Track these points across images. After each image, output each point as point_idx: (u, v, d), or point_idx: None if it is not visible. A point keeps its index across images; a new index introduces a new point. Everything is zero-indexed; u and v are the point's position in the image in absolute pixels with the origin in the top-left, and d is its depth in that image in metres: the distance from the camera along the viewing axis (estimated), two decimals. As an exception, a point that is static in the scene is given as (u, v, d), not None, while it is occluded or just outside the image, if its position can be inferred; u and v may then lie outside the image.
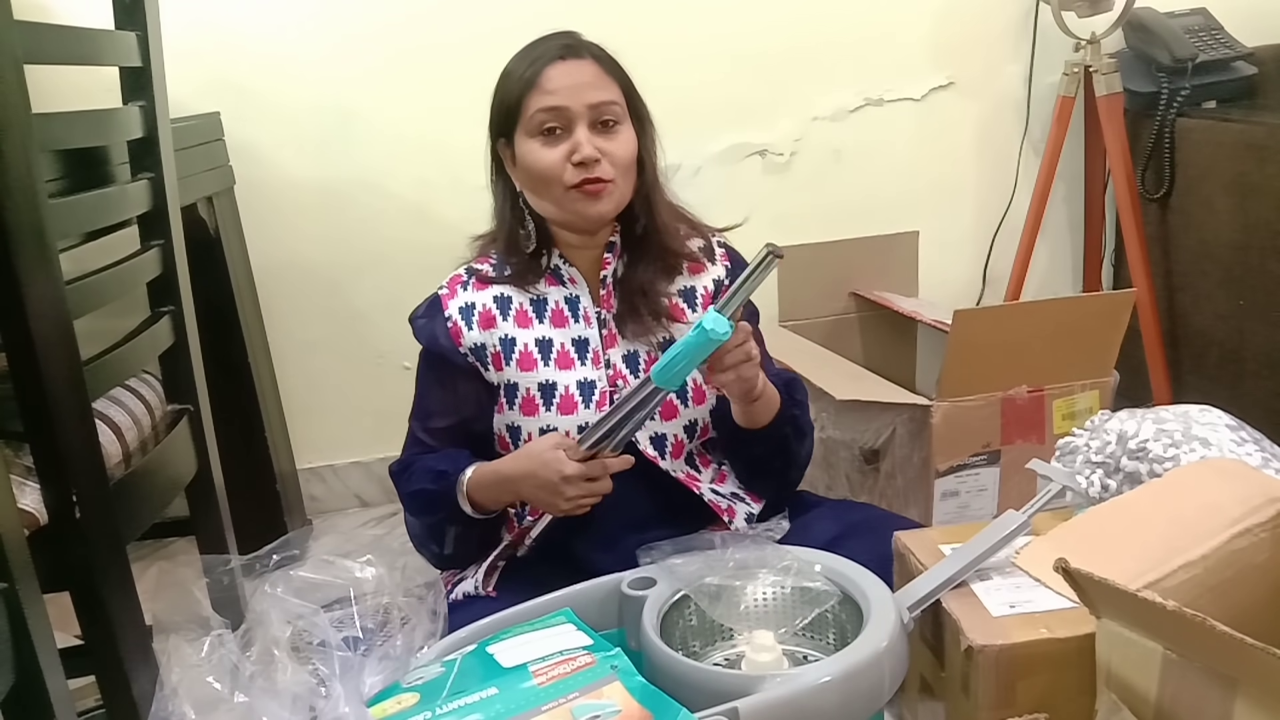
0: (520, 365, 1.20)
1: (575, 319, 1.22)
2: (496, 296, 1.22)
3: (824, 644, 1.01)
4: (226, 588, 1.07)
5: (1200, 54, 1.87)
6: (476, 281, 1.23)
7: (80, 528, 0.92)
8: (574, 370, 1.20)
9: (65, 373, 0.91)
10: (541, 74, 1.15)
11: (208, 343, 1.29)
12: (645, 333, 1.22)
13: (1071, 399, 1.50)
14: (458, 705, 0.79)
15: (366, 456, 2.03)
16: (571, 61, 1.16)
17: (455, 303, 1.22)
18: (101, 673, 0.96)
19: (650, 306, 1.21)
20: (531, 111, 1.15)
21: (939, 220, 2.07)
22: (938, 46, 2.02)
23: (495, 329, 1.21)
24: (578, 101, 1.14)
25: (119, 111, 1.10)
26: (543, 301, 1.23)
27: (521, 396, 1.20)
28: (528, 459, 1.13)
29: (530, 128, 1.16)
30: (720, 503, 1.22)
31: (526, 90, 1.15)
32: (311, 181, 1.88)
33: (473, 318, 1.21)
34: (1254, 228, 1.72)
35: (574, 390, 1.19)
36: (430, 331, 1.23)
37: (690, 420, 1.22)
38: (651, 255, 1.23)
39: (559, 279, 1.23)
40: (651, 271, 1.23)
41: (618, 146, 1.16)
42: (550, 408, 1.19)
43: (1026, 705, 0.87)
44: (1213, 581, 0.83)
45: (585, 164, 1.14)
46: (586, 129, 1.15)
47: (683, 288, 1.25)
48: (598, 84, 1.16)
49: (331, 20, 1.82)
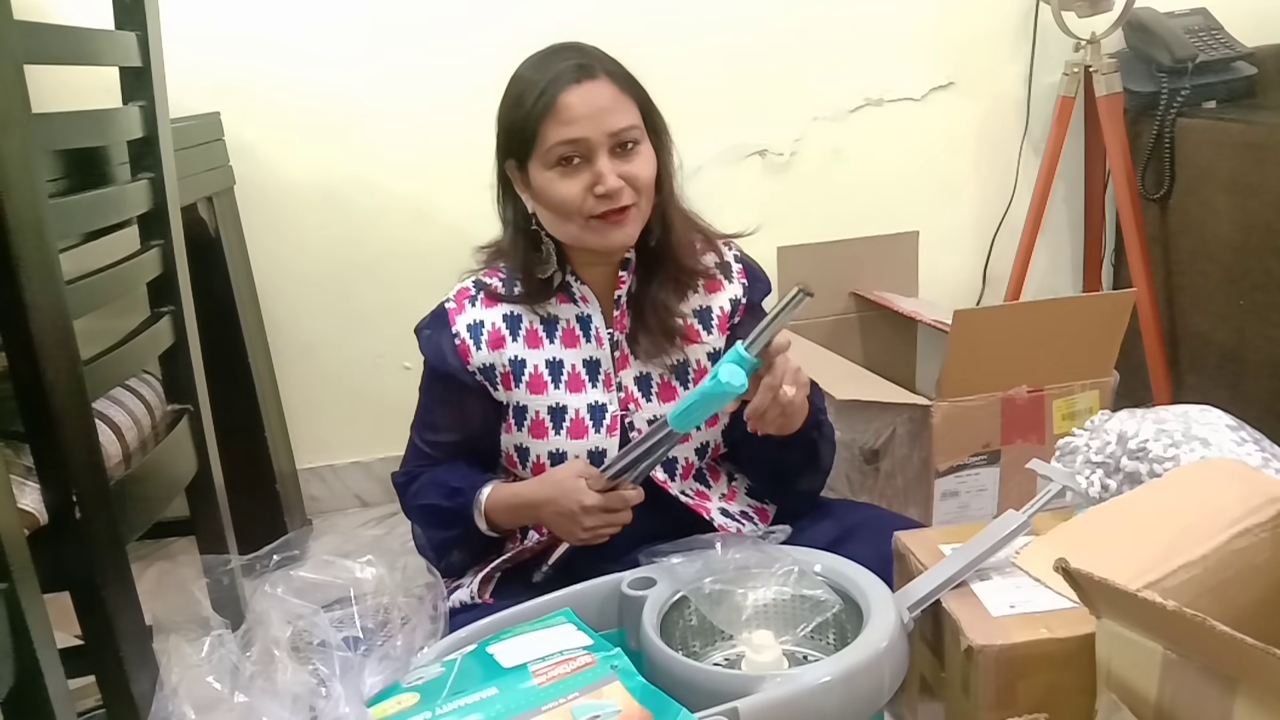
0: (530, 388, 1.18)
1: (587, 339, 1.19)
2: (506, 315, 1.19)
3: (824, 644, 1.01)
4: (226, 588, 1.07)
5: (1200, 54, 1.87)
6: (485, 298, 1.19)
7: (80, 528, 0.92)
8: (584, 393, 1.18)
9: (65, 373, 0.90)
10: (558, 101, 1.08)
11: (208, 343, 1.29)
12: (659, 354, 1.18)
13: (1071, 399, 1.50)
14: (458, 705, 0.79)
15: (366, 456, 2.04)
16: (587, 84, 1.09)
17: (463, 319, 1.19)
18: (101, 673, 0.96)
19: (664, 327, 1.18)
20: (550, 144, 1.09)
21: (939, 220, 2.07)
22: (938, 46, 2.02)
23: (504, 349, 1.18)
24: (598, 131, 1.08)
25: (119, 111, 1.10)
26: (553, 320, 1.19)
27: (531, 419, 1.18)
28: (550, 485, 1.12)
29: (548, 160, 1.10)
30: (729, 525, 1.20)
31: (542, 118, 1.09)
32: (311, 181, 1.88)
33: (481, 336, 1.18)
34: (1254, 228, 1.72)
35: (584, 414, 1.18)
36: (437, 347, 1.19)
37: (702, 443, 1.22)
38: (666, 273, 1.19)
39: (571, 297, 1.20)
40: (665, 290, 1.18)
41: (639, 168, 1.11)
42: (560, 431, 1.18)
43: (1026, 705, 0.87)
44: (1213, 581, 0.83)
45: (609, 195, 1.09)
46: (607, 156, 1.09)
47: (698, 307, 1.22)
48: (616, 108, 1.10)
49: (332, 20, 1.82)
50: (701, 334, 1.21)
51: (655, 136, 1.16)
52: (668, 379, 1.20)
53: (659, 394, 1.20)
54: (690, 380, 1.21)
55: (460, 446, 1.23)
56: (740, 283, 1.25)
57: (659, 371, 1.20)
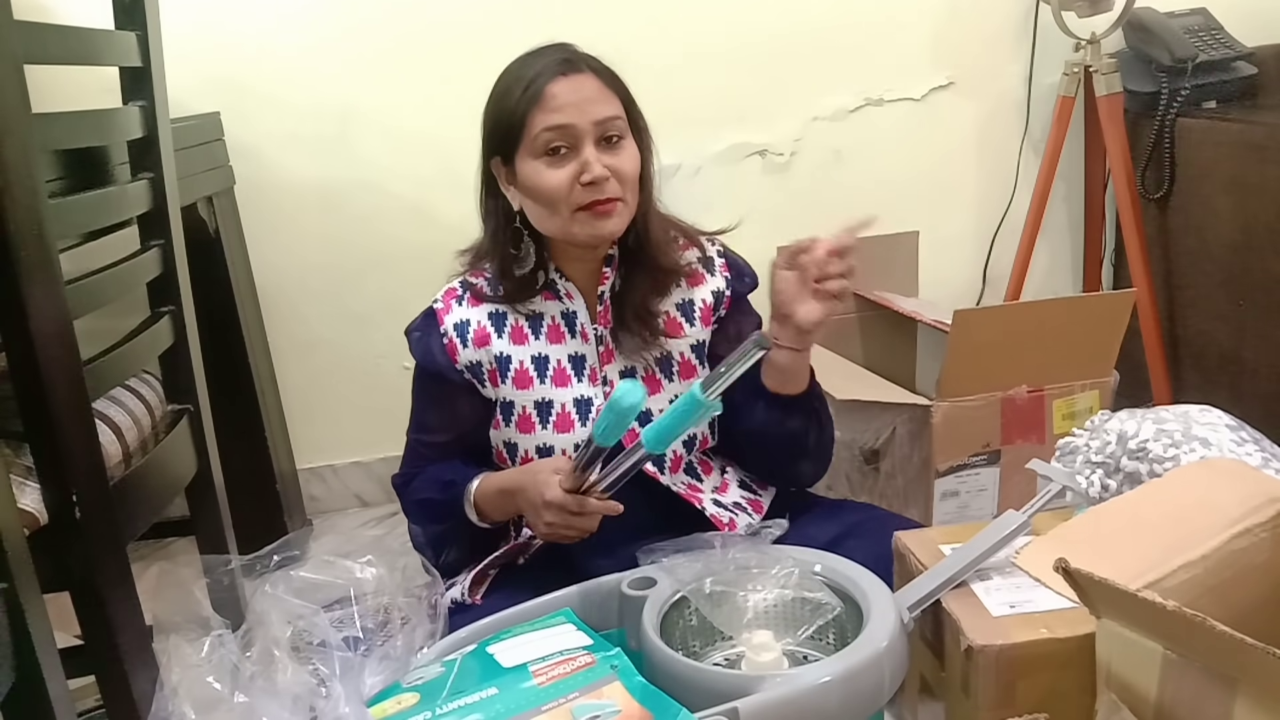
0: (516, 383, 1.20)
1: (572, 334, 1.22)
2: (491, 313, 1.21)
3: (824, 644, 1.01)
4: (227, 588, 1.07)
5: (1200, 54, 1.87)
6: (471, 297, 1.22)
7: (80, 528, 0.92)
8: (570, 388, 1.20)
9: (65, 373, 0.91)
10: (544, 91, 1.11)
11: (208, 343, 1.29)
12: (642, 348, 1.21)
13: (1071, 399, 1.50)
14: (458, 705, 0.79)
15: (366, 456, 2.03)
16: (573, 76, 1.12)
17: (450, 318, 1.21)
18: (101, 673, 0.96)
19: (645, 325, 1.20)
20: (536, 131, 1.11)
21: (939, 220, 2.07)
22: (938, 46, 2.02)
23: (490, 346, 1.20)
24: (584, 118, 1.11)
25: (119, 111, 1.10)
26: (539, 317, 1.22)
27: (518, 414, 1.20)
28: (525, 474, 1.13)
29: (535, 148, 1.12)
30: (721, 516, 1.21)
31: (529, 108, 1.11)
32: (311, 181, 1.88)
33: (468, 334, 1.20)
34: (1254, 228, 1.72)
35: (570, 408, 1.19)
36: (426, 347, 1.22)
37: (690, 435, 1.22)
38: (646, 272, 1.21)
39: (556, 294, 1.22)
40: (645, 289, 1.21)
41: (624, 162, 1.14)
42: (546, 425, 1.19)
43: (1026, 705, 0.87)
44: (1213, 581, 0.83)
45: (595, 184, 1.11)
46: (593, 146, 1.12)
47: (680, 301, 1.24)
48: (601, 99, 1.13)
49: (331, 20, 1.81)
50: (684, 327, 1.24)
51: (638, 135, 1.18)
52: (652, 372, 1.22)
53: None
54: (675, 373, 1.23)
55: (453, 445, 1.25)
56: (723, 276, 1.27)
57: (643, 365, 1.22)
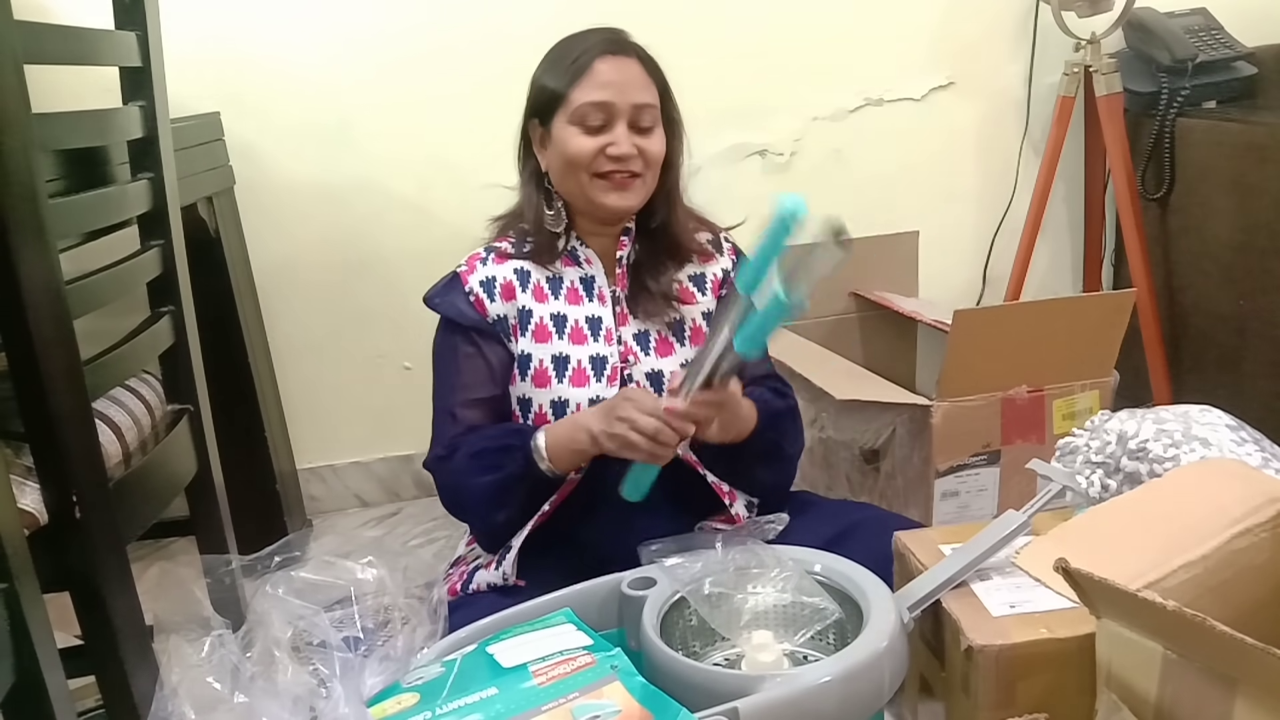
0: (535, 337, 1.23)
1: (590, 297, 1.26)
2: (516, 270, 1.25)
3: (824, 644, 1.01)
4: (227, 588, 1.07)
5: (1200, 54, 1.87)
6: (496, 256, 1.26)
7: (80, 528, 0.92)
8: (587, 345, 1.24)
9: (65, 373, 0.91)
10: (591, 66, 1.18)
11: (208, 343, 1.29)
12: (656, 313, 1.26)
13: (1071, 399, 1.50)
14: (458, 705, 0.79)
15: (366, 456, 2.03)
16: (620, 58, 1.20)
17: (475, 277, 1.24)
18: (101, 673, 0.96)
19: (661, 289, 1.26)
20: (578, 103, 1.18)
21: (939, 220, 2.07)
22: (938, 46, 2.02)
23: (515, 300, 1.24)
24: (624, 99, 1.18)
25: (119, 111, 1.10)
26: (559, 279, 1.26)
27: (535, 368, 1.22)
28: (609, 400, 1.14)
29: (574, 117, 1.19)
30: (723, 484, 1.24)
31: (575, 79, 1.19)
32: (311, 181, 1.88)
33: (494, 289, 1.23)
34: (1254, 228, 1.72)
35: (586, 364, 1.23)
36: (453, 305, 1.23)
37: None
38: (665, 249, 1.28)
39: (575, 260, 1.27)
40: (663, 261, 1.28)
41: (652, 144, 1.21)
42: (562, 380, 1.22)
43: (1026, 705, 0.87)
44: (1213, 581, 0.83)
45: (620, 158, 1.18)
46: (626, 127, 1.19)
47: (693, 274, 1.31)
48: (641, 85, 1.21)
49: (332, 21, 1.81)
50: (696, 295, 1.30)
51: (670, 125, 1.26)
52: (665, 335, 1.27)
53: (657, 349, 1.26)
54: (686, 338, 1.28)
55: (493, 405, 1.23)
56: (730, 258, 1.34)
57: (657, 329, 1.27)
